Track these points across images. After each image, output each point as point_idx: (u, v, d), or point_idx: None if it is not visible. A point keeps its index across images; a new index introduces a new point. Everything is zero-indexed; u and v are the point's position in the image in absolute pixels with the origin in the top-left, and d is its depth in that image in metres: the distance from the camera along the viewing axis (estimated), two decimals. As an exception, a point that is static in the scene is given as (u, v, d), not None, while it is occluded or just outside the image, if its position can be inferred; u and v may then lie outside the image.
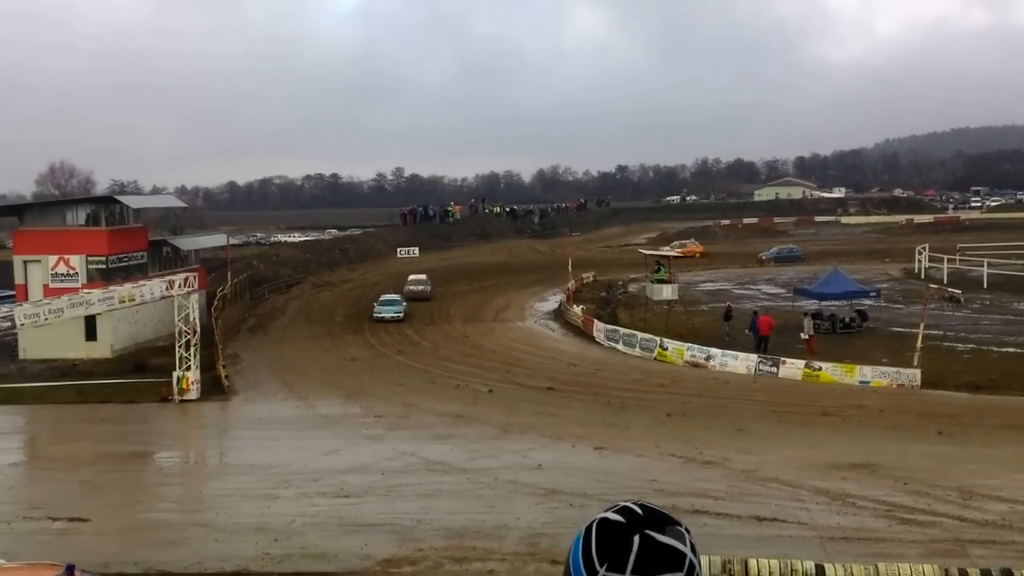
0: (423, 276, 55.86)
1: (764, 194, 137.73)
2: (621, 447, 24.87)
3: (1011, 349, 36.49)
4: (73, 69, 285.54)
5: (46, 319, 30.68)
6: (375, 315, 47.15)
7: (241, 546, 18.45)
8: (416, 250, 72.61)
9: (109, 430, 29.66)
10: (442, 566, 17.32)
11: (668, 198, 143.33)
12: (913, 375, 31.28)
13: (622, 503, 1.45)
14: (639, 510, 1.41)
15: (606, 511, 1.44)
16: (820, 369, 32.83)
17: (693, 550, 1.39)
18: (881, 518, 19.11)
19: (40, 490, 23.87)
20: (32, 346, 40.16)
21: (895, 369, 32.05)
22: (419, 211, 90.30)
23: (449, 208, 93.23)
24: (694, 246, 74.67)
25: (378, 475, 23.03)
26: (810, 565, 15.86)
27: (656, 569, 1.34)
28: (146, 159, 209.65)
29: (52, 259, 43.34)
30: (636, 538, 1.36)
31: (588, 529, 1.41)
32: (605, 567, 1.35)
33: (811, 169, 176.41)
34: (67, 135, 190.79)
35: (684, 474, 22.46)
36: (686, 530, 1.41)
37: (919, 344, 31.97)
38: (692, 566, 1.37)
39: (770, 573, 15.70)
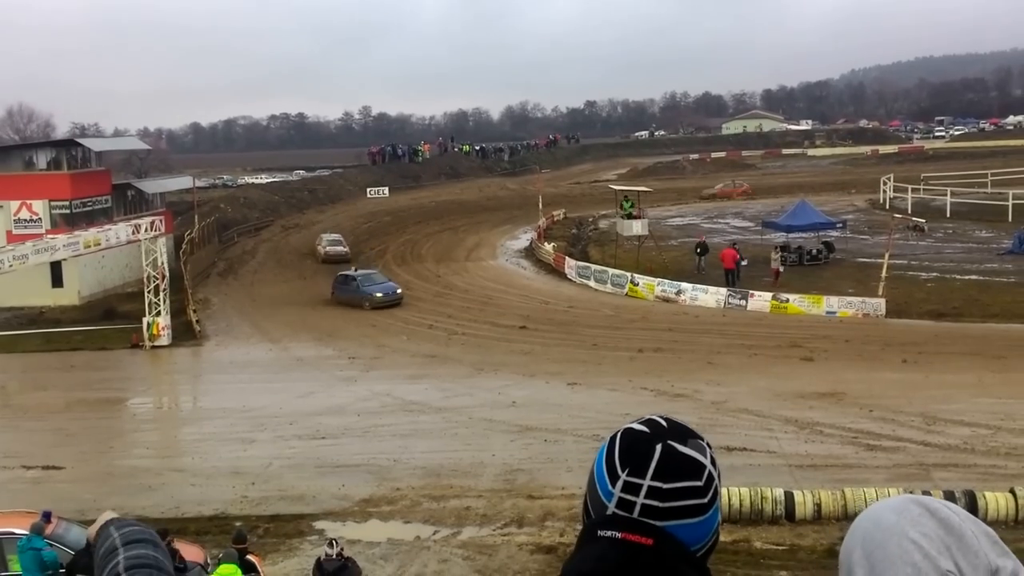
0: (338, 236, 49.58)
1: (732, 127, 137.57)
2: (594, 382, 25.19)
3: (973, 277, 37.16)
4: (29, 7, 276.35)
5: (10, 266, 30.09)
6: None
7: (218, 490, 18.58)
8: (386, 190, 71.92)
9: (80, 377, 29.46)
10: (420, 504, 17.57)
11: (637, 133, 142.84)
12: (878, 304, 31.79)
13: (648, 416, 1.51)
14: (663, 422, 1.48)
15: (632, 422, 1.50)
16: (787, 301, 33.27)
17: (713, 463, 1.46)
18: (848, 445, 19.60)
19: (12, 439, 23.74)
20: (-4, 294, 39.54)
21: (861, 299, 32.55)
22: (388, 151, 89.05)
23: (418, 147, 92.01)
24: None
25: (354, 416, 23.18)
26: (779, 492, 16.28)
27: (675, 477, 1.41)
28: (107, 101, 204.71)
29: (14, 205, 42.47)
30: (658, 447, 1.43)
31: (613, 438, 1.48)
32: (627, 472, 1.42)
33: (778, 102, 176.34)
34: (24, 77, 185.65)
35: (656, 407, 22.80)
36: (707, 445, 1.48)
37: (884, 274, 32.44)
38: (711, 477, 1.44)
39: (741, 501, 16.11)
